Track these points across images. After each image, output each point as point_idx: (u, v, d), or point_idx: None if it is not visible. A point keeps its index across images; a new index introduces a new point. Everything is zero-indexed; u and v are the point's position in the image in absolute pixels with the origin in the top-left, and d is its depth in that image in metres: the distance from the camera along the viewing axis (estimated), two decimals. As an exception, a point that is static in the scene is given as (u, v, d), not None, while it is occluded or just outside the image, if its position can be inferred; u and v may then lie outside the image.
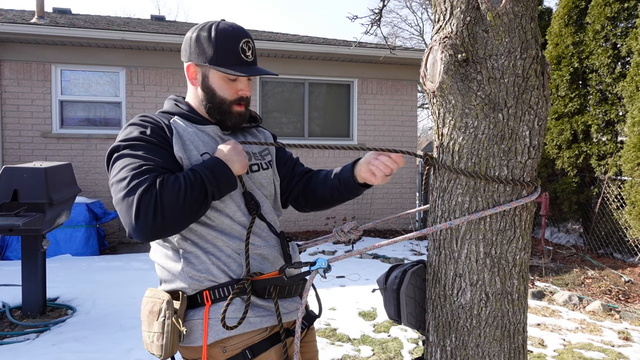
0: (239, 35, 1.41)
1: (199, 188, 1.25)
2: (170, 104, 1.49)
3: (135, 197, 1.19)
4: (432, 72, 1.38)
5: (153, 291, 1.39)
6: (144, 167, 1.24)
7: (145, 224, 1.19)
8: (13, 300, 4.28)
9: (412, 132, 8.98)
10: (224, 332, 1.32)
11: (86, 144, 7.49)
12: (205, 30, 1.40)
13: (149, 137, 1.32)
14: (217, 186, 1.28)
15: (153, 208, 1.18)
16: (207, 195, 1.26)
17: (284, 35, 9.75)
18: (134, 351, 3.35)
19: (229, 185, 1.31)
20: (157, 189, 1.20)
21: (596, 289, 5.20)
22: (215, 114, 1.44)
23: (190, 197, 1.23)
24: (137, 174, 1.22)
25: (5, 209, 3.68)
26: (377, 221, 1.76)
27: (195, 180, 1.25)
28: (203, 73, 1.42)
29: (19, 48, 7.20)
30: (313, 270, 1.35)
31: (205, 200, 1.27)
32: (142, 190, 1.19)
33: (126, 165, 1.25)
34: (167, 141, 1.34)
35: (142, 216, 1.18)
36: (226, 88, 1.41)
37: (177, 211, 1.21)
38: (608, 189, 6.88)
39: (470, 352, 1.38)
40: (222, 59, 1.38)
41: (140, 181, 1.21)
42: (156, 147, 1.31)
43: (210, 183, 1.26)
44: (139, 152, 1.28)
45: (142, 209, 1.18)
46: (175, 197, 1.20)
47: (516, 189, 1.34)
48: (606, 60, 6.78)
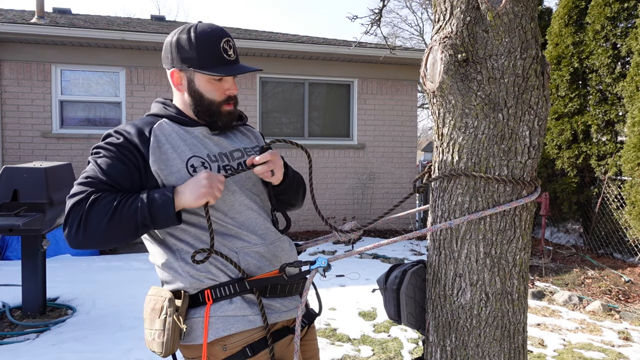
0: (219, 35, 1.40)
1: (129, 217, 1.24)
2: (159, 106, 1.48)
3: (67, 207, 1.26)
4: (432, 72, 1.38)
5: (156, 289, 1.40)
6: (89, 179, 1.29)
7: (69, 234, 1.25)
8: (13, 300, 4.28)
9: (412, 132, 8.98)
10: (224, 330, 1.32)
11: (86, 144, 7.48)
12: (185, 34, 1.39)
13: (114, 150, 1.33)
14: (150, 220, 1.26)
15: (77, 223, 1.23)
16: (136, 226, 1.26)
17: (284, 35, 9.75)
18: (134, 351, 3.35)
19: (165, 221, 1.27)
20: (86, 206, 1.24)
21: (596, 289, 5.20)
22: (204, 116, 1.43)
23: (117, 223, 1.24)
24: (82, 184, 1.29)
25: (5, 209, 3.68)
26: (377, 221, 1.76)
27: (129, 209, 1.25)
28: (188, 78, 1.41)
29: (19, 48, 7.20)
30: (313, 269, 1.35)
31: (136, 230, 1.27)
32: (75, 202, 1.25)
33: (84, 171, 1.32)
34: (135, 156, 1.33)
35: (67, 227, 1.25)
36: (213, 89, 1.41)
37: (100, 232, 1.24)
38: (608, 189, 6.88)
39: (470, 352, 1.38)
40: (205, 61, 1.37)
41: (78, 192, 1.27)
42: (116, 160, 1.32)
43: (143, 216, 1.25)
44: (97, 162, 1.32)
45: (69, 220, 1.25)
46: (100, 219, 1.23)
47: (516, 189, 1.34)
48: (606, 60, 6.78)
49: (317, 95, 8.69)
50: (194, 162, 1.36)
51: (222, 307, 1.34)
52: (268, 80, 8.36)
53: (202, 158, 1.38)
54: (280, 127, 8.46)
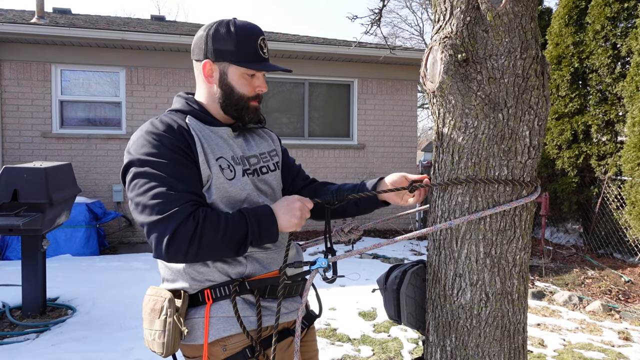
0: (257, 33, 1.41)
1: (240, 234, 1.26)
2: (182, 102, 1.45)
3: (171, 229, 1.19)
4: (432, 72, 1.38)
5: (155, 289, 1.40)
6: (173, 193, 1.23)
7: (177, 255, 1.21)
8: (13, 300, 4.28)
9: (412, 132, 8.98)
10: (224, 331, 1.33)
11: (86, 144, 7.49)
12: (224, 27, 1.38)
13: (169, 152, 1.28)
14: (259, 237, 1.28)
15: (188, 243, 1.20)
16: (245, 242, 1.27)
17: (284, 35, 9.75)
18: (134, 351, 3.35)
19: (270, 239, 1.31)
20: (197, 225, 1.21)
21: (596, 289, 5.20)
22: (232, 110, 1.42)
23: (229, 241, 1.25)
24: (168, 202, 1.21)
25: (5, 209, 3.67)
26: (377, 221, 1.76)
27: (239, 226, 1.26)
28: (221, 70, 1.40)
29: (19, 48, 7.20)
30: (313, 269, 1.35)
31: (243, 247, 1.28)
32: (179, 222, 1.19)
33: (151, 187, 1.23)
34: (188, 153, 1.30)
35: (174, 247, 1.20)
36: (245, 84, 1.40)
37: (212, 250, 1.24)
38: (608, 189, 6.88)
39: (470, 352, 1.38)
40: (242, 55, 1.38)
41: (174, 211, 1.20)
42: (178, 164, 1.27)
43: (253, 233, 1.27)
44: (162, 171, 1.25)
45: (176, 241, 1.19)
46: (213, 238, 1.22)
47: (516, 189, 1.34)
48: (606, 60, 6.78)
49: (317, 95, 8.69)
50: (222, 163, 1.36)
51: (222, 307, 1.34)
52: (268, 80, 8.35)
53: (227, 160, 1.38)
54: (280, 127, 8.46)
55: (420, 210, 1.74)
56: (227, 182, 1.35)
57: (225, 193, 1.35)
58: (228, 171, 1.36)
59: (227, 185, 1.35)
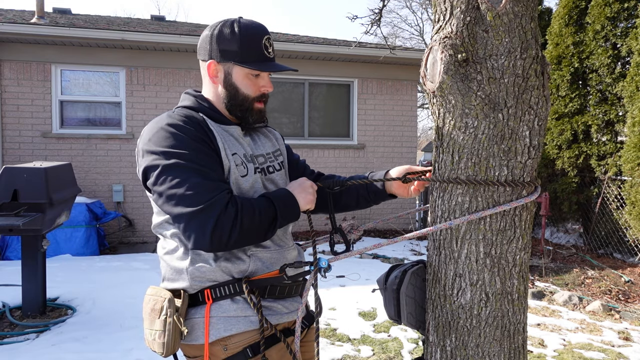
0: (262, 32, 1.40)
1: (271, 217, 1.31)
2: (192, 99, 1.44)
3: (214, 217, 1.21)
4: (432, 72, 1.38)
5: (155, 289, 1.40)
6: (209, 182, 1.25)
7: (220, 242, 1.23)
8: (13, 300, 4.28)
9: (412, 132, 8.98)
10: (225, 331, 1.33)
11: (86, 144, 7.49)
12: (228, 27, 1.38)
13: (194, 143, 1.29)
14: (284, 217, 1.33)
15: (230, 229, 1.23)
16: (275, 223, 1.32)
17: (284, 35, 9.75)
18: (134, 351, 3.35)
19: (294, 217, 1.37)
20: (237, 211, 1.24)
21: (596, 289, 5.20)
22: (236, 111, 1.42)
23: (264, 224, 1.29)
24: (205, 191, 1.23)
25: (5, 209, 3.67)
26: (377, 221, 1.76)
27: (269, 209, 1.30)
28: (226, 71, 1.40)
29: (19, 48, 7.20)
30: (313, 269, 1.35)
31: (273, 228, 1.32)
32: (220, 210, 1.22)
33: (185, 179, 1.24)
34: (210, 145, 1.33)
35: (218, 234, 1.22)
36: (249, 85, 1.40)
37: (250, 234, 1.27)
38: (608, 189, 6.88)
39: (470, 352, 1.38)
40: (246, 55, 1.37)
41: (214, 200, 1.23)
42: (205, 155, 1.30)
43: (282, 215, 1.32)
44: (192, 162, 1.26)
45: (219, 228, 1.22)
46: (252, 222, 1.26)
47: (516, 189, 1.34)
48: (606, 60, 6.78)
49: (317, 95, 8.69)
50: (236, 159, 1.38)
51: (223, 307, 1.34)
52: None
53: (240, 157, 1.39)
54: (280, 127, 8.46)
55: (420, 210, 1.74)
56: (240, 178, 1.37)
57: (238, 189, 1.36)
58: (242, 167, 1.38)
59: (240, 181, 1.37)
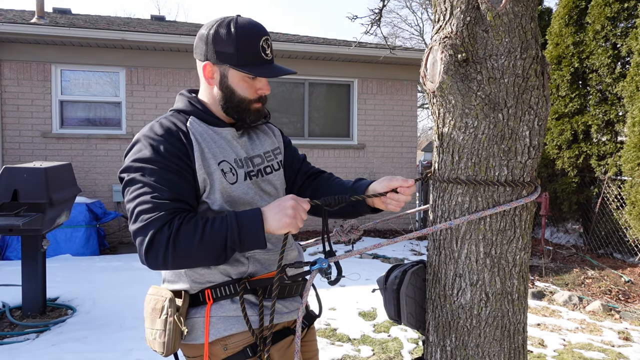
0: (259, 33, 1.35)
1: (218, 241, 1.21)
2: (185, 101, 1.41)
3: (148, 236, 1.19)
4: (432, 72, 1.38)
5: (156, 289, 1.41)
6: (156, 201, 1.21)
7: (156, 262, 1.21)
8: (13, 300, 4.28)
9: (412, 132, 8.98)
10: (225, 330, 1.33)
11: (86, 144, 7.49)
12: (224, 28, 1.33)
13: (162, 159, 1.26)
14: (240, 243, 1.22)
15: (164, 250, 1.18)
16: (225, 249, 1.22)
17: (284, 35, 9.75)
18: (134, 351, 3.34)
19: (255, 244, 1.24)
20: (172, 232, 1.18)
21: (596, 289, 5.20)
22: (233, 113, 1.39)
23: (207, 247, 1.20)
24: (150, 209, 1.20)
25: (5, 209, 3.67)
26: (377, 221, 1.76)
27: (218, 232, 1.21)
28: (222, 73, 1.35)
29: (19, 48, 7.20)
30: (313, 270, 1.35)
31: (224, 253, 1.23)
32: (156, 230, 1.18)
33: (139, 195, 1.23)
34: (183, 160, 1.28)
35: (152, 255, 1.20)
36: (246, 87, 1.36)
37: (189, 258, 1.21)
38: (608, 189, 6.87)
39: (470, 352, 1.38)
40: (243, 58, 1.32)
41: (153, 218, 1.19)
42: (169, 172, 1.25)
43: (233, 240, 1.21)
44: (151, 178, 1.24)
45: (153, 249, 1.19)
46: (189, 244, 1.19)
47: (516, 189, 1.34)
48: (606, 60, 6.78)
49: (317, 95, 8.69)
50: (224, 166, 1.34)
51: (223, 307, 1.34)
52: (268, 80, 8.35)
53: (230, 163, 1.36)
54: (280, 127, 8.41)
55: (420, 210, 1.74)
56: (229, 186, 1.34)
57: (229, 197, 1.34)
58: (230, 175, 1.35)
59: (230, 189, 1.34)
